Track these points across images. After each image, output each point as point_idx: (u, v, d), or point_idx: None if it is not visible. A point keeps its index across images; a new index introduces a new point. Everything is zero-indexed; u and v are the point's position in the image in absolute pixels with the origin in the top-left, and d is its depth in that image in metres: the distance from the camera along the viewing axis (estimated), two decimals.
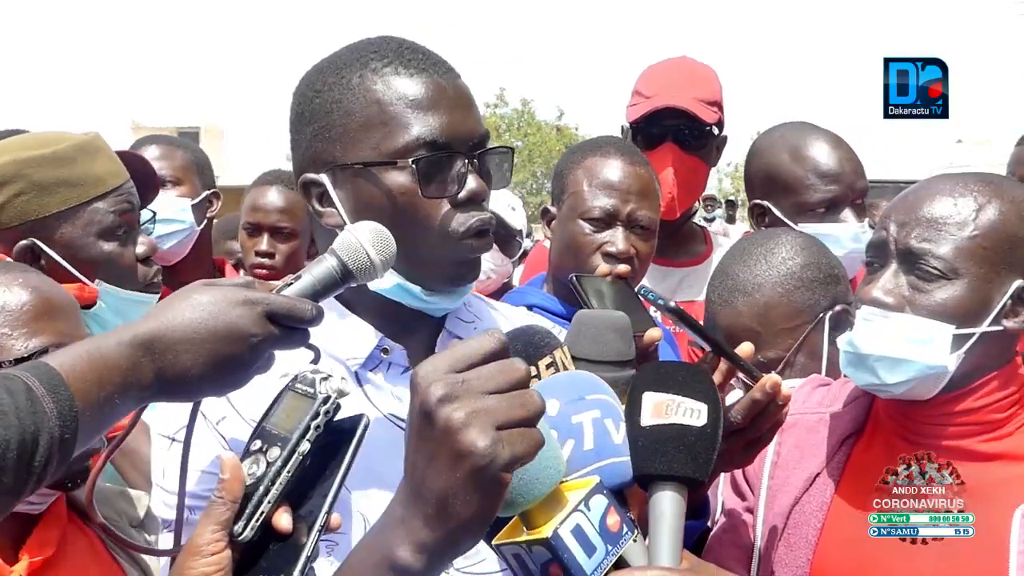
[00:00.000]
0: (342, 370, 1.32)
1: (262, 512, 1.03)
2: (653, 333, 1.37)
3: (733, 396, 1.54)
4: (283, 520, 1.04)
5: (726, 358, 1.37)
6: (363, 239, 1.17)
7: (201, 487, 1.21)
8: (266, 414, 1.11)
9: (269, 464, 1.04)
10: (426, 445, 0.91)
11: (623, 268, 1.69)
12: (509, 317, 1.52)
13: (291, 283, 1.15)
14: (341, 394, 1.07)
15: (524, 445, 0.91)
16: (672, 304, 1.36)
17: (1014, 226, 1.46)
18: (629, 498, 1.14)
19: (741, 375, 1.42)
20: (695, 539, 1.68)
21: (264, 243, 3.28)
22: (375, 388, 1.33)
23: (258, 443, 1.07)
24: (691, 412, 1.07)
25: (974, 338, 1.44)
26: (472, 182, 1.29)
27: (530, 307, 1.96)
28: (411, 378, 0.94)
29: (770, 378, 1.33)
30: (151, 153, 2.92)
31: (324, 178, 1.32)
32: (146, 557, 1.52)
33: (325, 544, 1.22)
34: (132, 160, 2.45)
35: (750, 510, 1.63)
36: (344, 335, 1.34)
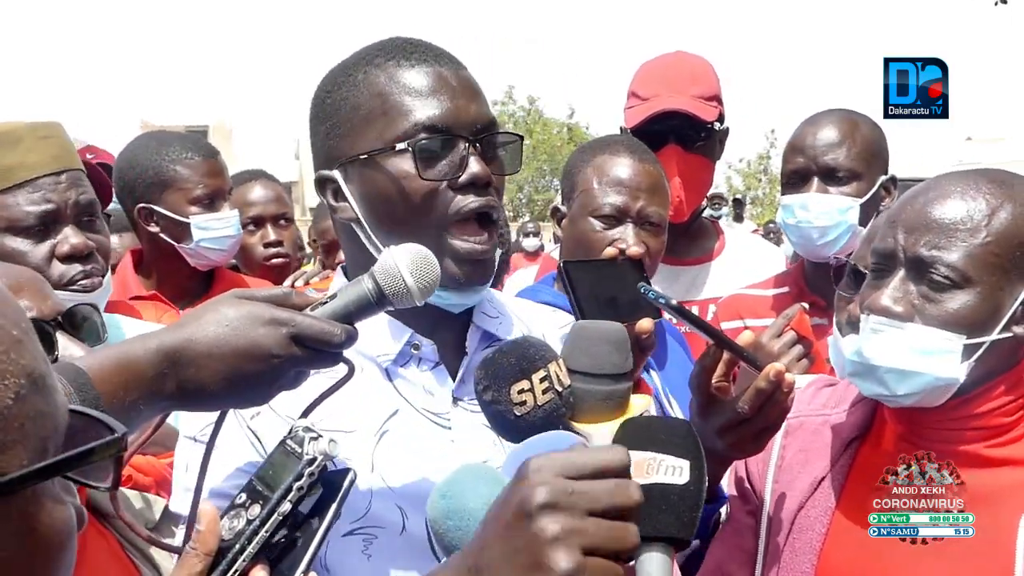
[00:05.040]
0: (374, 367, 1.34)
1: (236, 570, 1.02)
2: (643, 324, 1.36)
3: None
4: None
5: (728, 349, 1.38)
6: (401, 264, 1.14)
7: (229, 483, 1.21)
8: (261, 466, 1.10)
9: (249, 521, 1.03)
10: (511, 541, 0.90)
11: (636, 250, 1.64)
12: (531, 313, 1.52)
13: (326, 301, 1.13)
14: (327, 456, 1.06)
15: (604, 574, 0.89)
16: (673, 302, 1.37)
17: None
18: None
19: (744, 365, 1.43)
20: (711, 524, 1.69)
21: (271, 233, 3.36)
22: (406, 383, 1.34)
23: (243, 497, 1.06)
24: (673, 470, 1.04)
25: (984, 347, 1.41)
26: (474, 165, 1.29)
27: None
28: (521, 466, 0.93)
29: (773, 367, 1.33)
30: (224, 164, 2.92)
31: (336, 174, 1.34)
32: (160, 558, 1.52)
33: (363, 537, 1.24)
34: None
35: (753, 513, 1.62)
36: (374, 332, 1.34)
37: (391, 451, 1.29)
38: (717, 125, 2.75)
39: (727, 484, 1.69)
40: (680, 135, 2.69)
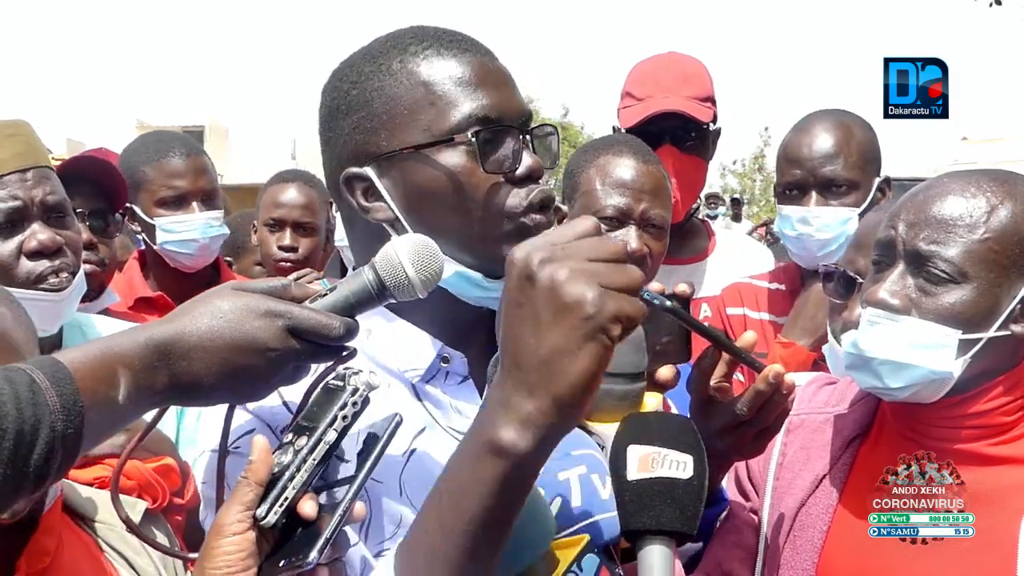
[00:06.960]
0: (400, 385, 1.27)
1: (286, 498, 1.04)
2: (666, 373, 1.31)
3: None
4: (307, 507, 1.04)
5: (727, 351, 1.38)
6: (402, 255, 1.11)
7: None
8: (299, 409, 1.13)
9: (296, 451, 1.05)
10: (527, 308, 0.88)
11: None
12: None
13: (325, 294, 1.11)
14: (370, 387, 1.08)
15: (630, 306, 0.87)
16: (669, 304, 1.36)
17: None
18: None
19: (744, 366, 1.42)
20: (714, 527, 1.68)
21: (287, 238, 3.35)
22: (435, 402, 1.28)
23: (290, 435, 1.09)
24: (677, 464, 1.05)
25: (981, 343, 1.42)
26: (528, 158, 1.24)
27: None
28: (507, 259, 0.91)
29: (772, 368, 1.32)
30: (200, 164, 2.90)
31: (369, 171, 1.25)
32: (141, 563, 1.50)
33: (377, 555, 1.21)
34: (96, 166, 2.45)
35: (754, 511, 1.63)
36: (399, 345, 1.28)
37: (418, 473, 1.24)
38: (711, 125, 2.76)
39: (727, 484, 1.69)
40: (675, 136, 2.70)
